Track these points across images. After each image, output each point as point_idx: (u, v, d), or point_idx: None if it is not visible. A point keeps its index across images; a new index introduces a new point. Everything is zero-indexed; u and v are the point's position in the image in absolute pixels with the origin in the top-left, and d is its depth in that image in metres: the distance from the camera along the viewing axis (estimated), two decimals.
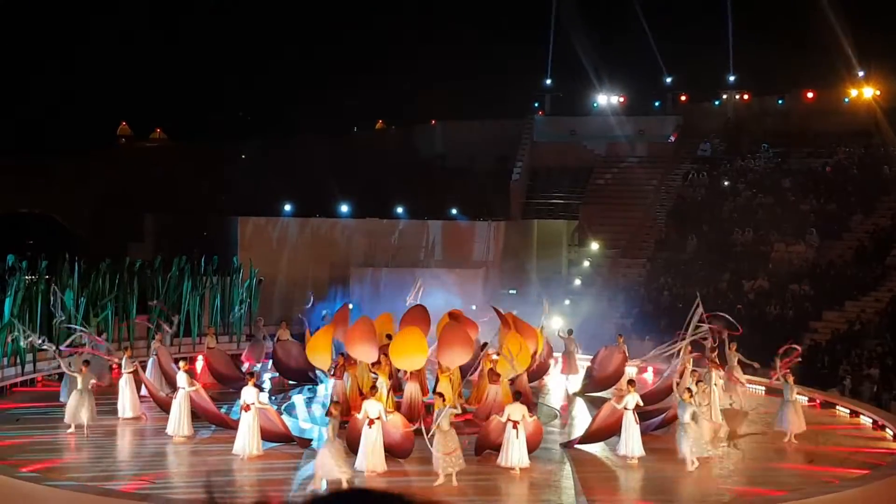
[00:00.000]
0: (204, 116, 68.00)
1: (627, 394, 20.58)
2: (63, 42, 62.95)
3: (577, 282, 42.40)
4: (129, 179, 52.50)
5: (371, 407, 19.27)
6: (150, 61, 66.10)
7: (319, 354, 24.02)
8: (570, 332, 29.39)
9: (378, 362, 23.58)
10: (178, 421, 21.45)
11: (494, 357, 24.50)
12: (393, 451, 19.65)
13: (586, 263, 44.11)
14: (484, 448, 20.23)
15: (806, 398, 26.27)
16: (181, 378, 21.81)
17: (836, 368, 30.98)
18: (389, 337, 24.78)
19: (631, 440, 20.22)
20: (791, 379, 22.73)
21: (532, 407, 22.07)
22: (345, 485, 17.68)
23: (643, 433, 20.47)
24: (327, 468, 17.89)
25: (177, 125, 71.12)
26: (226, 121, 67.10)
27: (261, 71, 68.42)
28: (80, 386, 21.73)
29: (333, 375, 23.73)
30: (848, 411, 25.77)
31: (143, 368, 25.13)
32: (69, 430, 21.59)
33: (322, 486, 17.92)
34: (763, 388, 27.16)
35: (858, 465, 20.22)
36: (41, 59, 62.17)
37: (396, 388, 24.04)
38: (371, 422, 18.99)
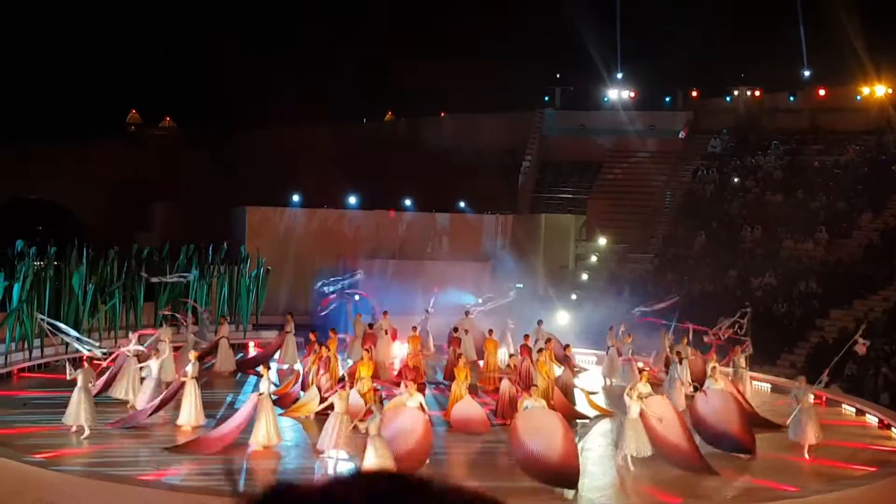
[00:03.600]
0: (213, 105, 67.94)
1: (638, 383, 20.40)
2: (73, 29, 63.00)
3: (584, 276, 42.36)
4: (138, 167, 52.53)
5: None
6: (159, 49, 66.11)
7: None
8: (539, 322, 29.59)
9: (361, 358, 23.87)
10: (189, 411, 21.53)
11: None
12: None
13: (594, 258, 44.07)
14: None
15: (812, 395, 26.26)
16: (190, 367, 21.85)
17: (842, 366, 30.92)
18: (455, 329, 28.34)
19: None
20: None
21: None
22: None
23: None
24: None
25: (186, 114, 71.11)
26: (235, 110, 67.04)
27: (270, 59, 68.35)
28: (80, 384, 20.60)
29: (320, 371, 23.57)
30: (854, 409, 25.79)
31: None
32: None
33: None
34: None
35: (863, 463, 20.21)
36: (51, 47, 62.21)
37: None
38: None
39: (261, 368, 21.84)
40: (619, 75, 51.22)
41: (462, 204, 46.32)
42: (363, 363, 23.48)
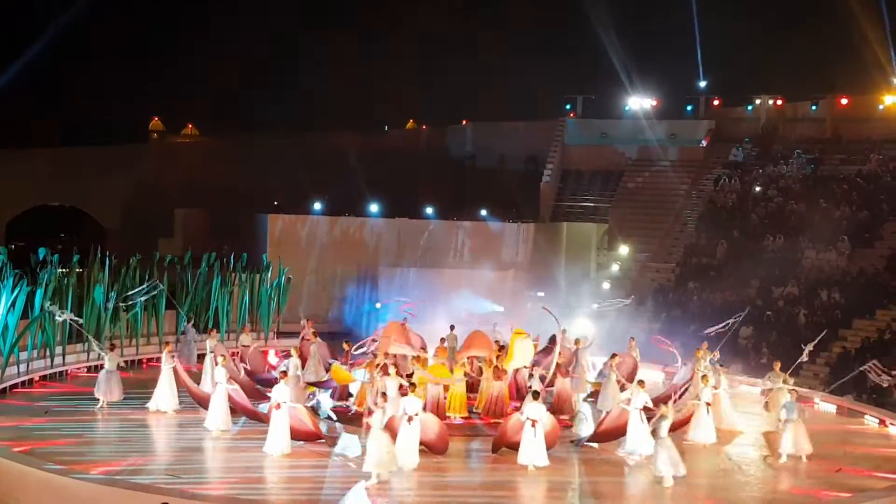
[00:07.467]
0: (236, 113, 68.30)
1: (636, 393, 20.57)
2: (96, 38, 63.40)
3: (606, 285, 42.22)
4: (160, 175, 52.81)
5: (410, 404, 19.35)
6: (182, 57, 66.49)
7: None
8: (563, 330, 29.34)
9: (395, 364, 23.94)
10: (217, 416, 21.65)
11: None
12: (431, 449, 19.91)
13: (615, 267, 43.96)
14: (500, 446, 20.38)
15: (835, 406, 26.19)
16: (219, 373, 21.97)
17: (864, 376, 30.69)
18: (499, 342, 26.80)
19: (636, 438, 20.26)
20: None
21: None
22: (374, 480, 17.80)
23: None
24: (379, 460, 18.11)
25: (208, 121, 71.50)
26: (257, 117, 67.36)
27: (292, 68, 68.67)
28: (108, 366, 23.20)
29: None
30: (877, 420, 25.63)
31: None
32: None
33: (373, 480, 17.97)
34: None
35: (887, 473, 20.08)
36: (76, 57, 62.62)
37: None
38: (410, 418, 19.16)
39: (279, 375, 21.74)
40: (641, 84, 51.06)
41: (484, 212, 46.33)
42: (435, 366, 23.83)
